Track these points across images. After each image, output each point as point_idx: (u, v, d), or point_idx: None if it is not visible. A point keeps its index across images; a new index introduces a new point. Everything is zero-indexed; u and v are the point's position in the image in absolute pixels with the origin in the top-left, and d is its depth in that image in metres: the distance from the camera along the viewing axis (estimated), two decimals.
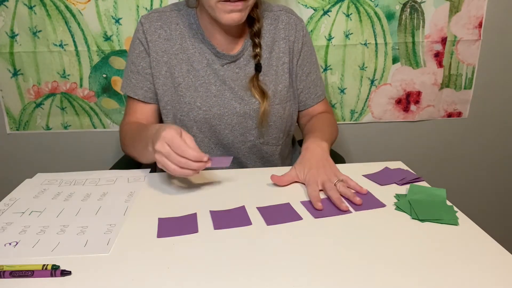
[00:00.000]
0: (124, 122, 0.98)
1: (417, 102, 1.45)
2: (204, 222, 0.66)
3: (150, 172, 0.86)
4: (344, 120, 1.46)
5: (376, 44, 1.37)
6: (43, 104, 1.37)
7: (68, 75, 1.33)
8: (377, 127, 1.49)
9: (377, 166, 0.86)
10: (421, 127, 1.50)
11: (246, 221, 0.66)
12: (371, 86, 1.42)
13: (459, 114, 1.50)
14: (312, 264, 0.55)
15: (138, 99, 0.96)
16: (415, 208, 0.67)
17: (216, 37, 0.93)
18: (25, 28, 1.27)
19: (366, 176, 0.82)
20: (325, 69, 1.39)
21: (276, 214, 0.67)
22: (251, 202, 0.71)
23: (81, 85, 1.35)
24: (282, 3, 1.30)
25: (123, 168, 0.89)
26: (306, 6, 1.31)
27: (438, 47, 1.39)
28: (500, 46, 1.41)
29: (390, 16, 1.34)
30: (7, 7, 1.25)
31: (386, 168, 0.85)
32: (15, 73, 1.33)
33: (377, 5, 1.32)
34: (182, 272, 0.54)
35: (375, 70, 1.40)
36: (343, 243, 0.59)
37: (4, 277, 0.53)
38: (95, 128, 1.41)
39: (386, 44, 1.37)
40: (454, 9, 1.35)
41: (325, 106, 1.07)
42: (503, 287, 0.50)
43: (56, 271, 0.53)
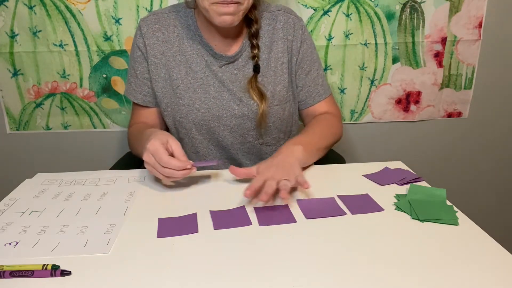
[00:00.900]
0: (130, 124, 1.01)
1: (417, 102, 1.45)
2: (204, 222, 0.66)
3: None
4: (344, 120, 1.46)
5: (376, 44, 1.37)
6: (43, 104, 1.37)
7: (68, 75, 1.33)
8: (377, 127, 1.49)
9: (377, 166, 0.86)
10: (421, 127, 1.50)
11: (246, 221, 0.66)
12: (371, 86, 1.42)
13: (459, 114, 1.50)
14: (312, 264, 0.55)
15: (139, 103, 0.99)
16: (415, 208, 0.68)
17: (214, 38, 0.93)
18: (25, 28, 1.27)
19: (366, 176, 0.82)
20: (325, 69, 1.39)
21: (270, 215, 0.67)
22: (251, 202, 0.71)
23: (81, 85, 1.35)
24: (282, 3, 1.30)
25: (123, 168, 0.89)
26: (306, 6, 1.31)
27: (438, 47, 1.39)
28: (500, 46, 1.41)
29: (390, 16, 1.34)
30: (7, 7, 1.25)
31: (386, 168, 0.85)
32: (15, 73, 1.33)
33: (377, 5, 1.32)
34: (182, 272, 0.54)
35: (375, 70, 1.40)
36: (343, 243, 0.59)
37: (4, 277, 0.53)
38: (95, 128, 1.41)
39: (386, 44, 1.37)
40: (454, 9, 1.35)
41: (329, 106, 1.03)
42: (503, 287, 0.50)
43: (56, 271, 0.53)
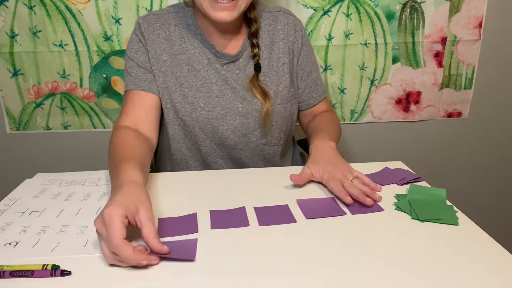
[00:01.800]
0: (120, 122, 0.89)
1: (417, 102, 1.45)
2: (204, 222, 0.66)
3: (150, 172, 0.86)
4: (344, 120, 1.46)
5: (376, 44, 1.37)
6: (43, 104, 1.37)
7: (68, 75, 1.33)
8: (377, 127, 1.49)
9: (377, 166, 0.86)
10: (421, 127, 1.50)
11: (244, 222, 0.65)
12: (371, 86, 1.42)
13: (459, 114, 1.50)
14: (312, 264, 0.55)
15: (143, 90, 0.90)
16: (415, 208, 0.67)
17: (214, 37, 0.93)
18: (25, 28, 1.27)
19: (366, 176, 0.82)
20: (325, 69, 1.39)
21: (272, 215, 0.67)
22: (251, 202, 0.71)
23: (81, 85, 1.35)
24: (283, 3, 1.30)
25: None
26: (306, 6, 1.31)
27: (438, 47, 1.39)
28: (500, 46, 1.41)
29: (390, 16, 1.34)
30: (7, 7, 1.25)
31: (386, 168, 0.85)
32: (15, 73, 1.33)
33: (377, 5, 1.32)
34: (182, 272, 0.54)
35: (375, 70, 1.40)
36: (343, 243, 0.59)
37: (4, 277, 0.53)
38: (95, 128, 1.41)
39: (386, 44, 1.37)
40: (454, 9, 1.35)
41: (327, 105, 1.08)
42: (503, 287, 0.50)
43: (56, 271, 0.53)
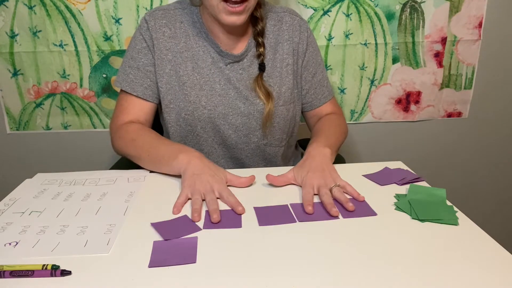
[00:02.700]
0: (119, 119, 0.93)
1: (417, 102, 1.45)
2: (204, 222, 0.66)
3: (150, 172, 0.86)
4: None
5: (376, 44, 1.37)
6: (43, 104, 1.37)
7: (68, 75, 1.33)
8: (377, 127, 1.49)
9: (377, 166, 0.86)
10: (421, 127, 1.50)
11: (237, 223, 0.65)
12: (371, 86, 1.42)
13: (459, 114, 1.50)
14: (312, 264, 0.55)
15: (137, 96, 0.92)
16: (415, 208, 0.67)
17: (219, 36, 0.92)
18: (25, 28, 1.27)
19: (366, 176, 0.82)
20: (325, 69, 1.39)
21: (272, 215, 0.67)
22: (251, 202, 0.71)
23: (81, 85, 1.35)
24: (283, 3, 1.30)
25: (123, 168, 0.89)
26: (306, 6, 1.31)
27: (438, 47, 1.39)
28: (500, 46, 1.41)
29: (390, 16, 1.34)
30: (7, 7, 1.25)
31: (386, 168, 0.85)
32: (15, 73, 1.33)
33: (377, 5, 1.32)
34: (182, 272, 0.54)
35: (375, 70, 1.40)
36: (343, 243, 0.59)
37: (4, 277, 0.53)
38: (95, 128, 1.41)
39: (386, 44, 1.37)
40: (454, 9, 1.35)
41: (333, 107, 1.06)
42: (503, 287, 0.50)
43: (56, 271, 0.53)
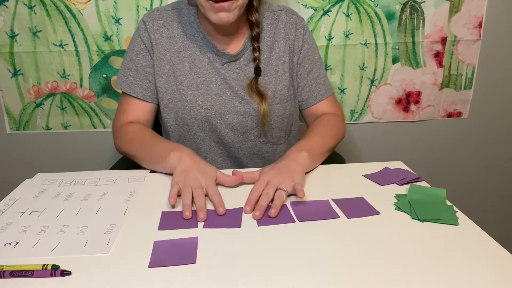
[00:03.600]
0: (120, 120, 0.95)
1: (417, 102, 1.45)
2: (204, 222, 0.66)
3: (150, 172, 0.86)
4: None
5: (376, 44, 1.37)
6: (43, 104, 1.37)
7: (68, 75, 1.33)
8: (377, 127, 1.49)
9: (377, 166, 0.86)
10: (421, 127, 1.50)
11: (237, 223, 0.65)
12: (371, 86, 1.42)
13: (459, 114, 1.50)
14: (312, 264, 0.55)
15: (137, 97, 0.95)
16: (415, 208, 0.67)
17: (216, 36, 0.93)
18: (25, 28, 1.27)
19: (366, 176, 0.82)
20: (325, 69, 1.39)
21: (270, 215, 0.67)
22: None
23: (81, 85, 1.35)
24: (282, 3, 1.30)
25: (123, 168, 0.89)
26: (306, 6, 1.31)
27: (438, 47, 1.39)
28: (500, 46, 1.41)
29: (390, 16, 1.34)
30: (7, 7, 1.25)
31: (386, 168, 0.85)
32: (15, 73, 1.33)
33: (377, 5, 1.32)
34: (182, 272, 0.54)
35: (375, 70, 1.40)
36: (343, 243, 0.59)
37: (4, 277, 0.53)
38: (95, 128, 1.41)
39: (386, 44, 1.37)
40: (454, 9, 1.35)
41: (331, 106, 1.02)
42: (503, 287, 0.50)
43: (56, 271, 0.53)
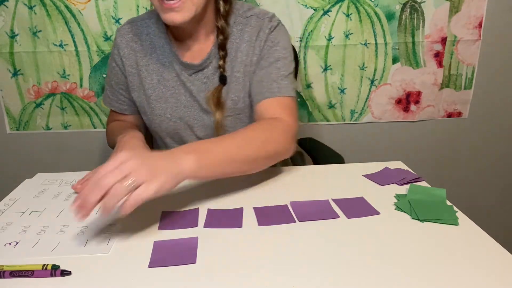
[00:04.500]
0: (110, 120, 1.04)
1: (417, 102, 1.45)
2: (203, 221, 0.66)
3: None
4: (344, 120, 1.46)
5: (376, 44, 1.37)
6: (43, 104, 1.37)
7: (68, 75, 1.33)
8: (377, 127, 1.49)
9: (377, 166, 0.86)
10: (421, 127, 1.50)
11: (238, 223, 0.65)
12: (371, 86, 1.42)
13: (459, 114, 1.50)
14: (313, 264, 0.55)
15: (115, 111, 1.01)
16: (415, 208, 0.67)
17: (182, 45, 0.89)
18: (25, 28, 1.27)
19: (366, 176, 0.82)
20: (325, 69, 1.39)
21: (271, 215, 0.67)
22: (250, 202, 0.71)
23: (81, 85, 1.35)
24: (282, 3, 1.30)
25: None
26: (306, 6, 1.31)
27: (438, 47, 1.39)
28: (500, 46, 1.41)
29: (390, 16, 1.34)
30: (7, 7, 1.25)
31: (386, 168, 0.85)
32: (15, 73, 1.33)
33: (377, 5, 1.32)
34: (182, 272, 0.54)
35: (375, 70, 1.40)
36: (343, 243, 0.59)
37: (4, 277, 0.53)
38: (95, 128, 1.41)
39: (386, 44, 1.37)
40: (454, 9, 1.35)
41: (282, 110, 0.83)
42: (503, 287, 0.50)
43: (56, 271, 0.53)
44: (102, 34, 1.29)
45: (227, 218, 0.67)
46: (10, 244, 0.60)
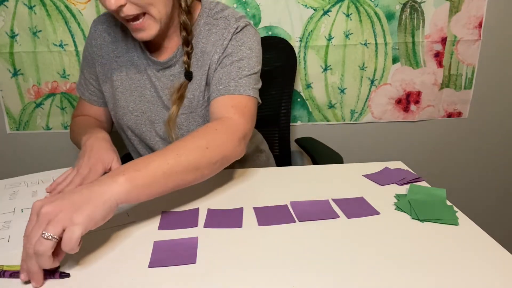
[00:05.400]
0: (75, 114, 1.03)
1: (417, 102, 1.45)
2: (203, 221, 0.66)
3: None
4: (344, 120, 1.46)
5: (376, 44, 1.37)
6: (43, 104, 1.37)
7: (68, 75, 1.33)
8: (377, 127, 1.49)
9: (377, 166, 0.86)
10: (421, 127, 1.50)
11: (238, 223, 0.65)
12: (371, 86, 1.42)
13: (459, 114, 1.50)
14: (313, 264, 0.55)
15: (85, 100, 1.01)
16: (415, 208, 0.68)
17: (152, 42, 0.88)
18: (25, 28, 1.27)
19: (366, 176, 0.82)
20: (325, 69, 1.39)
21: (271, 215, 0.67)
22: (250, 202, 0.71)
23: None
24: (282, 3, 1.30)
25: None
26: (306, 6, 1.31)
27: (438, 47, 1.39)
28: (500, 46, 1.41)
29: (390, 16, 1.34)
30: (7, 7, 1.25)
31: (386, 168, 0.85)
32: (15, 73, 1.33)
33: (377, 5, 1.32)
34: (182, 272, 0.54)
35: (375, 70, 1.40)
36: (343, 243, 0.59)
37: (4, 277, 0.53)
38: None
39: (386, 44, 1.37)
40: (454, 9, 1.35)
41: (235, 110, 0.79)
42: (503, 287, 0.50)
43: (55, 274, 0.52)
44: None
45: (227, 218, 0.67)
46: (10, 244, 0.60)
